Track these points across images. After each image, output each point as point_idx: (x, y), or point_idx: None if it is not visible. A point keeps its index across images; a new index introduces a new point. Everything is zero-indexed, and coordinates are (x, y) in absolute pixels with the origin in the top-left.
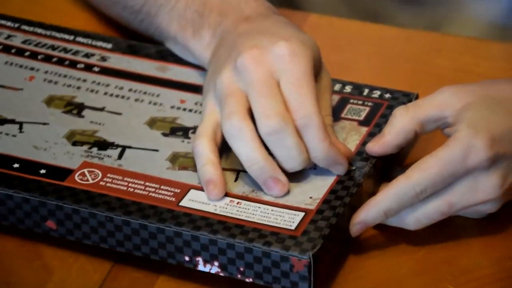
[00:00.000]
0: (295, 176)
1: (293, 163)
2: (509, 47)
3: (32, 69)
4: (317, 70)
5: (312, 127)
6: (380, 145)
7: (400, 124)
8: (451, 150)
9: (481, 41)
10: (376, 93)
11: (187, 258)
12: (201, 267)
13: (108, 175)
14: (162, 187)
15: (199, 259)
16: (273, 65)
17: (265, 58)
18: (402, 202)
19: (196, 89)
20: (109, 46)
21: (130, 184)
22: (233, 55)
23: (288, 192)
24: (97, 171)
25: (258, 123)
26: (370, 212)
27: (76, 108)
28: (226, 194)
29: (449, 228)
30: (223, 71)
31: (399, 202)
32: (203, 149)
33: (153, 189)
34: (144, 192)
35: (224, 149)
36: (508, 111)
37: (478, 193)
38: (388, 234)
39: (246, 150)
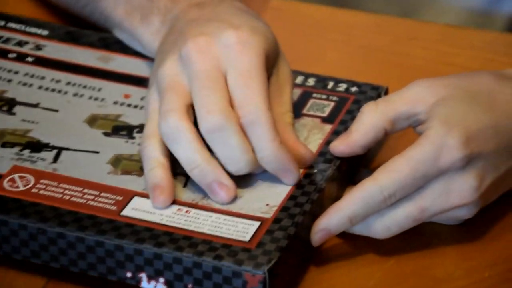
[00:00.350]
0: (250, 181)
1: (237, 165)
2: (491, 35)
3: None
4: (272, 61)
5: (259, 125)
6: (346, 144)
7: (369, 121)
8: (422, 150)
9: (459, 29)
10: (342, 87)
11: (129, 274)
12: (144, 284)
13: (42, 181)
14: (102, 194)
15: (143, 275)
16: (220, 55)
17: (212, 47)
18: (369, 207)
19: (142, 82)
20: (45, 33)
21: (66, 191)
22: (179, 43)
23: (236, 198)
24: (29, 176)
25: (198, 119)
26: (333, 218)
27: (6, 104)
28: (174, 202)
29: (420, 236)
30: (167, 60)
31: (365, 207)
32: (153, 151)
33: (92, 197)
34: (82, 200)
35: None
36: (485, 106)
37: (453, 196)
38: (354, 243)
39: (185, 152)
